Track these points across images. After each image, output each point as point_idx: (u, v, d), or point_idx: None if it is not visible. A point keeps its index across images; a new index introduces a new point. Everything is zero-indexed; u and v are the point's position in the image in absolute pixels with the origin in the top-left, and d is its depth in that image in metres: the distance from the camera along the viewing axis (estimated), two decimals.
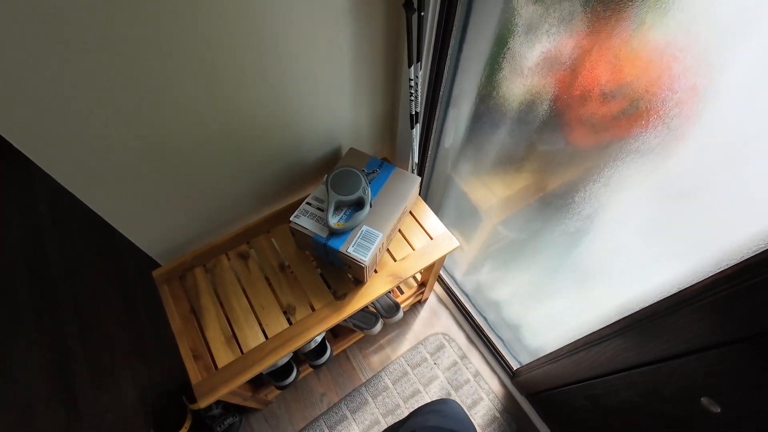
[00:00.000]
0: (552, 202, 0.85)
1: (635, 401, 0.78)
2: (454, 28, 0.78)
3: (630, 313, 0.69)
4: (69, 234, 1.63)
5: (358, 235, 0.90)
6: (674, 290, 0.59)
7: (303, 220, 0.91)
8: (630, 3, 0.51)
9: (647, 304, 0.64)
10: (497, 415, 1.24)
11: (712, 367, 0.58)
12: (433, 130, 1.03)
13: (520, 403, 1.25)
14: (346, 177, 0.95)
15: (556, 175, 0.80)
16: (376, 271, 0.98)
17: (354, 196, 0.91)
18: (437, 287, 1.47)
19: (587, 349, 0.83)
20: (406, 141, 1.00)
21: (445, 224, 1.07)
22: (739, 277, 0.48)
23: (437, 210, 1.30)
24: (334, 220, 0.90)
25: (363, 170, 0.99)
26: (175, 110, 0.70)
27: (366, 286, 0.96)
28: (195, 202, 0.92)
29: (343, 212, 0.93)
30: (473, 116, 0.93)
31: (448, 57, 0.84)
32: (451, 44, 0.81)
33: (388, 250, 1.01)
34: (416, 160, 1.04)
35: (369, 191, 0.94)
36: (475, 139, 0.98)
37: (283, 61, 0.75)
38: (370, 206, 0.94)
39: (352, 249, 0.88)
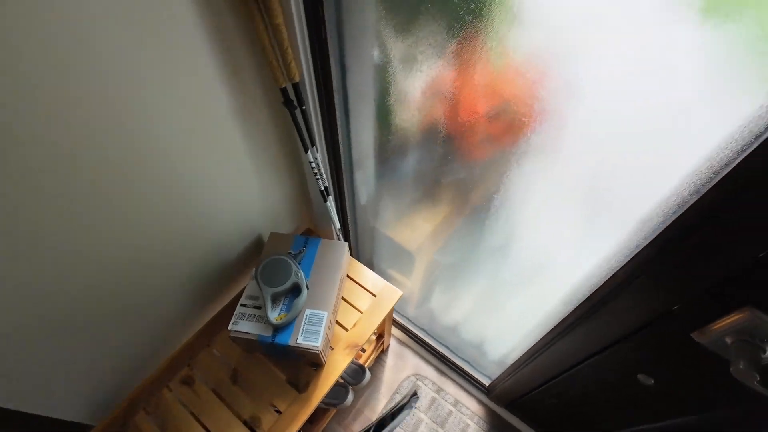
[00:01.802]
0: (474, 218, 0.90)
1: (590, 390, 0.86)
2: (337, 110, 0.83)
3: (573, 307, 0.76)
4: None
5: (303, 322, 0.89)
6: (605, 274, 0.66)
7: (242, 325, 0.88)
8: (481, 20, 0.56)
9: (588, 293, 0.72)
10: (481, 431, 1.27)
11: (641, 347, 0.67)
12: (346, 196, 1.07)
13: (501, 416, 1.30)
14: (275, 266, 0.93)
15: (470, 194, 0.86)
16: (332, 348, 0.97)
17: (288, 284, 0.90)
18: (395, 330, 1.49)
19: (542, 352, 0.90)
20: (324, 213, 1.02)
21: (383, 272, 1.10)
22: (651, 259, 0.56)
23: (372, 264, 1.34)
24: (274, 315, 0.88)
25: (290, 253, 0.98)
26: (67, 258, 0.63)
27: (326, 367, 0.94)
28: (115, 349, 0.83)
29: (281, 303, 0.91)
30: (378, 171, 0.99)
31: (339, 133, 0.89)
32: (339, 123, 0.86)
33: (337, 322, 1.01)
34: (338, 226, 1.06)
35: (302, 273, 0.94)
36: (387, 190, 1.03)
37: (183, 174, 0.73)
38: (307, 288, 0.93)
39: (301, 338, 0.86)
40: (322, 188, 0.93)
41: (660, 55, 0.47)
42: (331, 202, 0.99)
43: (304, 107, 0.76)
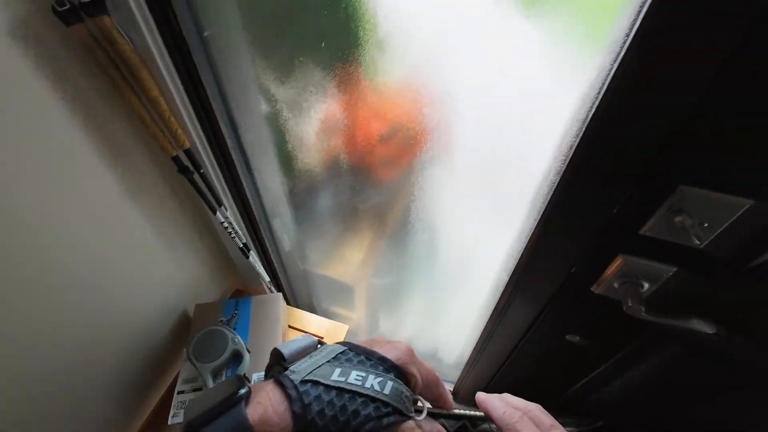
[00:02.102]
0: (398, 235, 0.94)
1: (536, 363, 0.95)
2: (238, 166, 0.83)
3: (500, 292, 0.83)
4: None
5: None
6: (516, 255, 0.74)
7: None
8: (351, 63, 0.61)
9: (506, 277, 0.78)
10: None
11: (559, 311, 0.76)
12: (269, 246, 1.05)
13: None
14: (208, 339, 0.87)
15: (388, 214, 0.90)
16: None
17: (227, 354, 0.85)
18: None
19: (488, 342, 0.97)
20: (250, 269, 0.99)
21: (326, 311, 1.09)
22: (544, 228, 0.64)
23: (313, 306, 1.31)
24: None
25: (221, 321, 0.93)
26: None
27: None
28: None
29: (224, 376, 0.85)
30: (295, 216, 1.00)
31: (246, 188, 0.88)
32: (243, 178, 0.86)
33: None
34: (268, 279, 1.03)
35: (239, 338, 0.89)
36: (309, 231, 1.04)
37: (81, 269, 0.66)
38: (249, 351, 0.89)
39: None
40: (241, 245, 0.91)
41: (505, 51, 0.56)
42: (254, 257, 0.97)
43: (201, 170, 0.75)
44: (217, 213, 0.82)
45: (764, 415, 0.78)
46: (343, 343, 0.30)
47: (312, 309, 1.36)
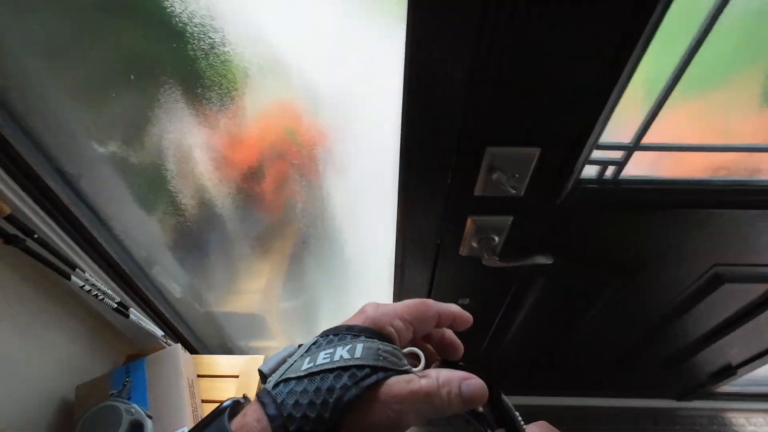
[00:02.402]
0: (298, 253, 0.94)
1: None
2: (85, 220, 0.75)
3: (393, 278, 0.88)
4: None
5: None
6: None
7: None
8: (206, 91, 0.61)
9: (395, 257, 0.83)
10: None
11: (444, 279, 0.83)
12: (152, 297, 0.97)
13: None
14: (98, 419, 0.77)
15: (280, 235, 0.90)
16: None
17: (124, 428, 0.76)
18: None
19: None
20: (135, 329, 0.90)
21: (242, 347, 1.03)
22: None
23: (225, 347, 1.24)
24: None
25: (112, 394, 0.83)
26: None
27: None
28: None
29: None
30: (179, 259, 0.93)
31: (102, 242, 0.80)
32: (97, 234, 0.78)
33: None
34: (161, 333, 0.95)
35: (136, 407, 0.80)
36: (197, 271, 0.98)
37: None
38: (150, 417, 0.80)
39: None
40: (115, 306, 0.82)
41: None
42: (136, 315, 0.88)
43: (36, 236, 0.66)
44: (72, 278, 0.73)
45: (623, 319, 0.95)
46: (321, 333, 0.28)
47: (227, 349, 1.28)
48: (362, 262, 1.01)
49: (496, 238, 0.69)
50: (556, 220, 0.66)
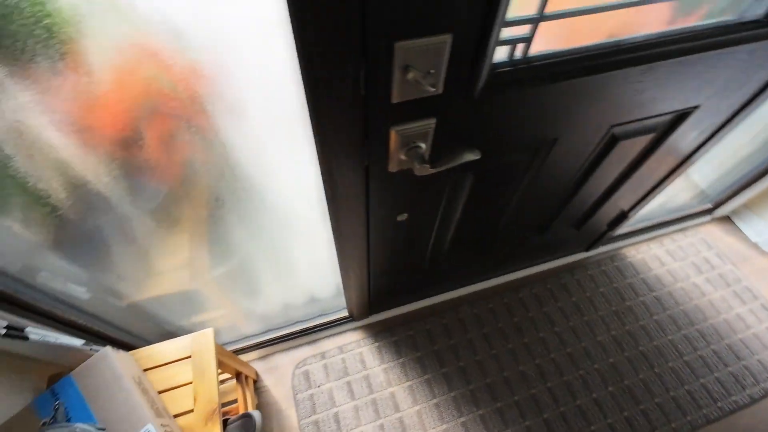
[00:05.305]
0: (215, 213, 0.84)
1: (388, 250, 1.03)
2: None
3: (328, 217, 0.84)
4: None
5: None
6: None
7: None
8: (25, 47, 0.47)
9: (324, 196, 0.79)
10: (377, 344, 1.41)
11: (380, 200, 0.81)
12: (52, 309, 0.81)
13: (375, 322, 1.46)
14: None
15: (192, 198, 0.79)
16: None
17: None
18: (248, 355, 1.38)
19: (345, 256, 0.98)
20: (45, 348, 0.76)
21: (186, 327, 0.95)
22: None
23: (167, 333, 1.14)
24: None
25: (44, 423, 0.72)
26: None
27: None
28: None
29: None
30: (68, 258, 0.78)
31: None
32: None
33: (175, 415, 0.85)
34: (81, 342, 0.82)
35: (81, 425, 0.71)
36: (99, 264, 0.84)
37: None
38: (103, 429, 0.72)
39: None
40: (3, 332, 0.67)
41: None
42: (37, 333, 0.74)
43: None
44: None
45: (542, 192, 1.03)
46: None
47: (170, 334, 1.18)
48: (289, 205, 0.93)
49: (423, 145, 0.66)
50: (476, 111, 0.65)
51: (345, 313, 1.41)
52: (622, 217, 1.35)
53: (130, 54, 0.53)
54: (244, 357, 1.38)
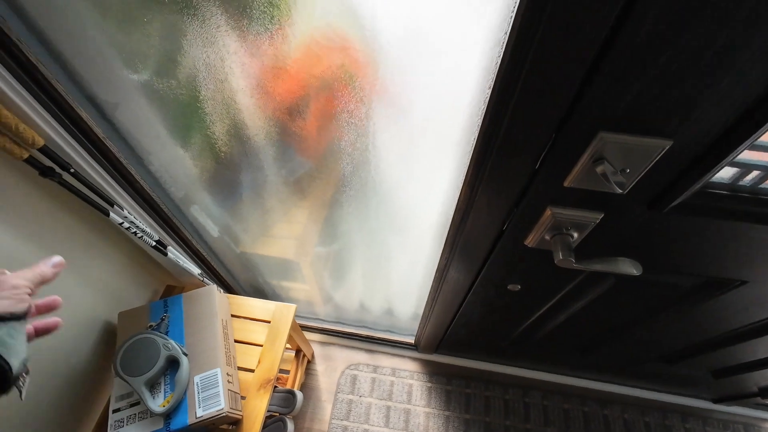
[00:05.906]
0: (338, 197, 0.87)
1: (484, 311, 0.96)
2: (122, 156, 0.70)
3: (441, 247, 0.81)
4: None
5: (196, 392, 0.79)
6: (451, 204, 0.70)
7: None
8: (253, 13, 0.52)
9: (444, 231, 0.76)
10: (430, 384, 1.35)
11: (499, 265, 0.75)
12: (190, 236, 0.95)
13: (435, 360, 1.40)
14: (137, 349, 0.80)
15: (324, 179, 0.82)
16: (244, 397, 0.89)
17: (160, 363, 0.78)
18: (313, 335, 1.45)
19: (438, 294, 0.95)
20: (174, 266, 0.90)
21: (275, 290, 1.03)
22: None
23: (259, 289, 1.25)
24: (158, 403, 0.76)
25: (150, 326, 0.85)
26: None
27: (245, 419, 0.86)
28: None
29: (162, 385, 0.79)
30: (216, 198, 0.89)
31: (141, 180, 0.76)
32: (134, 171, 0.73)
33: (239, 367, 0.93)
34: (198, 271, 0.95)
35: (172, 342, 0.82)
36: (235, 212, 0.94)
37: None
38: (186, 354, 0.82)
39: (201, 410, 0.77)
40: (153, 244, 0.81)
41: None
42: (174, 252, 0.87)
43: (72, 170, 0.62)
44: (111, 214, 0.70)
45: (688, 329, 0.85)
46: None
47: (260, 291, 1.30)
48: (410, 216, 0.91)
49: (575, 235, 0.58)
50: (655, 223, 0.54)
51: (411, 340, 1.38)
52: None
53: (329, 39, 0.55)
54: (307, 334, 1.45)
